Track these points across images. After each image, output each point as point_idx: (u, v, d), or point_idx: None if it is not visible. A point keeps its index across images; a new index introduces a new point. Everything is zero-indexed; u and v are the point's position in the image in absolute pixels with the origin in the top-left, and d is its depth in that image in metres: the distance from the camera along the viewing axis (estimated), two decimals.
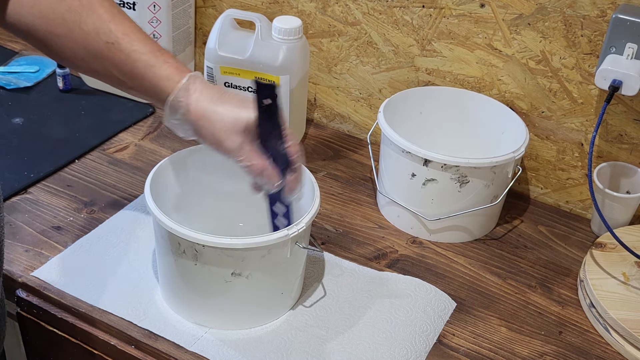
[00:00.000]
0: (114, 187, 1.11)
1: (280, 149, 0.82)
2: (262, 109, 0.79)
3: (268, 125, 0.80)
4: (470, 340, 0.92)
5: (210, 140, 0.81)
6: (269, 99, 0.78)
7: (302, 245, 0.86)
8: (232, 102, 0.80)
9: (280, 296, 0.89)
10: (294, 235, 0.83)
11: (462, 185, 1.02)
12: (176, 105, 0.80)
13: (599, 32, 1.03)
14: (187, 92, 0.80)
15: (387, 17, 1.18)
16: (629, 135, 1.08)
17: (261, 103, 0.79)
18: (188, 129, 0.82)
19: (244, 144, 0.80)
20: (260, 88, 0.78)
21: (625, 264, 0.99)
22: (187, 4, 1.29)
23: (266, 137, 0.81)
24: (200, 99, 0.80)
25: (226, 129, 0.79)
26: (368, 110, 1.28)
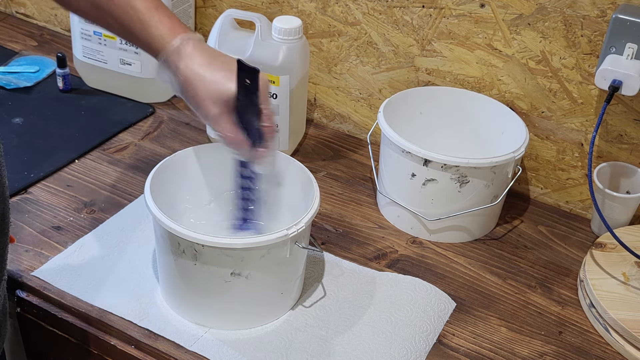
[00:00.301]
0: (114, 187, 1.11)
1: (255, 124, 0.85)
2: (242, 87, 0.82)
3: (246, 102, 0.83)
4: (470, 340, 0.92)
5: (193, 103, 0.85)
6: (249, 80, 0.82)
7: (302, 245, 0.86)
8: (219, 72, 0.83)
9: (280, 296, 0.89)
10: (293, 235, 0.83)
11: (462, 185, 1.02)
12: (166, 65, 0.84)
13: (599, 32, 1.03)
14: (178, 55, 0.83)
15: (387, 17, 1.18)
16: (629, 135, 1.08)
17: (242, 81, 0.82)
18: (175, 87, 0.85)
19: (222, 114, 0.83)
20: (242, 68, 0.82)
21: (625, 264, 0.99)
22: (187, 4, 1.29)
23: (243, 112, 0.84)
24: (189, 63, 0.83)
25: (208, 97, 0.83)
26: (368, 110, 1.28)
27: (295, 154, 1.23)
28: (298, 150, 1.24)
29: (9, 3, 1.58)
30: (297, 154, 1.24)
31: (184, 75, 0.83)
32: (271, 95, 1.13)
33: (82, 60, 1.32)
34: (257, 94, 0.83)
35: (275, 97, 1.13)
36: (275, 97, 1.13)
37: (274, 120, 0.88)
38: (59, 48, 1.46)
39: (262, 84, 0.83)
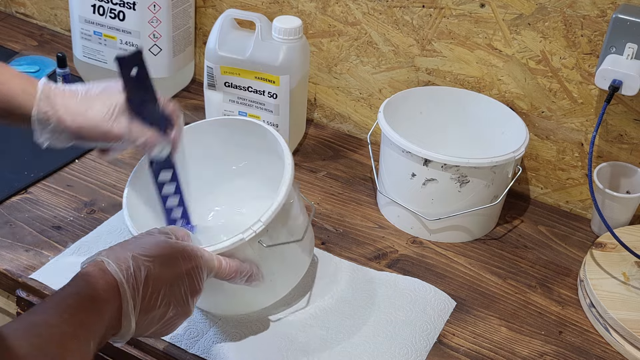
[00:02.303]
0: (114, 187, 1.11)
1: (157, 111, 0.82)
2: (130, 81, 0.78)
3: (140, 94, 0.80)
4: (470, 340, 0.92)
5: (95, 135, 0.79)
6: (135, 67, 0.78)
7: (265, 245, 0.82)
8: (97, 93, 0.79)
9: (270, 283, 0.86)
10: (250, 237, 0.80)
11: (462, 185, 1.02)
12: (44, 117, 0.77)
13: (599, 32, 1.03)
14: (49, 101, 0.77)
15: (387, 17, 1.18)
16: (629, 135, 1.08)
17: (128, 76, 0.78)
18: (64, 137, 0.79)
19: (129, 124, 0.79)
20: (124, 61, 0.78)
21: (625, 264, 0.99)
22: (187, 3, 1.29)
23: (140, 105, 0.80)
24: (66, 102, 0.78)
25: (108, 118, 0.78)
26: (368, 110, 1.28)
27: (295, 154, 1.23)
28: (298, 150, 1.24)
29: (9, 3, 1.58)
30: (297, 154, 1.24)
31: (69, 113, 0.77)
32: (271, 96, 1.13)
33: (82, 60, 1.33)
34: (148, 77, 0.79)
35: (275, 97, 1.13)
36: (275, 97, 1.13)
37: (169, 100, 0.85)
38: (59, 48, 1.46)
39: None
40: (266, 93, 1.13)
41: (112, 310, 0.66)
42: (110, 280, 0.66)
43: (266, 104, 1.14)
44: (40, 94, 0.76)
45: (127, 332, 0.68)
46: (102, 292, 0.66)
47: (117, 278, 0.67)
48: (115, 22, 1.26)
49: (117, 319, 0.66)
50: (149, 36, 1.26)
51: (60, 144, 0.80)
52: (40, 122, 0.77)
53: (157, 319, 0.71)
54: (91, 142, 0.81)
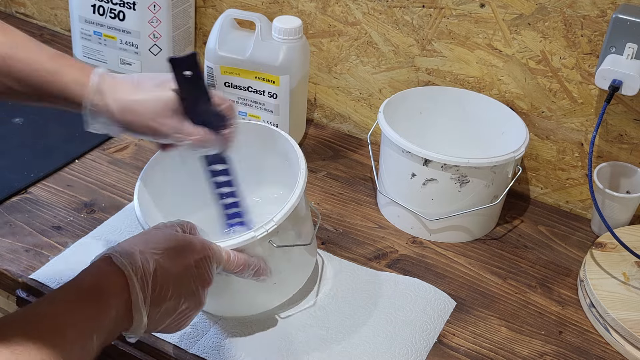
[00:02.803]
0: (114, 187, 1.11)
1: (212, 111, 0.81)
2: (183, 82, 0.79)
3: (193, 95, 0.80)
4: (470, 340, 0.92)
5: (144, 131, 0.79)
6: (188, 70, 0.78)
7: (276, 245, 0.83)
8: (149, 87, 0.79)
9: (274, 286, 0.88)
10: (262, 236, 0.81)
11: (462, 185, 1.02)
12: (95, 109, 0.77)
13: (599, 32, 1.03)
14: (101, 95, 0.77)
15: (387, 17, 1.18)
16: (629, 135, 1.08)
17: (181, 76, 0.78)
18: (115, 128, 0.79)
19: (178, 123, 0.79)
20: (177, 62, 0.78)
21: (625, 264, 0.99)
22: (187, 3, 1.29)
23: (193, 106, 0.80)
24: (117, 95, 0.77)
25: (156, 115, 0.78)
26: (368, 110, 1.28)
27: None
28: None
29: (9, 3, 1.58)
30: None
31: (120, 111, 0.77)
32: (271, 96, 1.13)
33: (82, 60, 1.33)
34: (202, 79, 0.80)
35: (275, 97, 1.13)
36: (275, 97, 1.13)
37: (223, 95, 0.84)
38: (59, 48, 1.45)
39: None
40: (266, 93, 1.13)
41: (121, 304, 0.66)
42: (118, 274, 0.67)
43: (266, 104, 1.14)
44: (93, 85, 0.76)
45: (139, 326, 0.68)
46: (109, 285, 0.66)
47: (125, 271, 0.67)
48: (115, 22, 1.26)
49: (127, 313, 0.66)
50: (149, 36, 1.26)
51: (112, 133, 0.81)
52: (91, 113, 0.78)
53: (169, 312, 0.71)
54: (141, 136, 0.81)
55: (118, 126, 0.79)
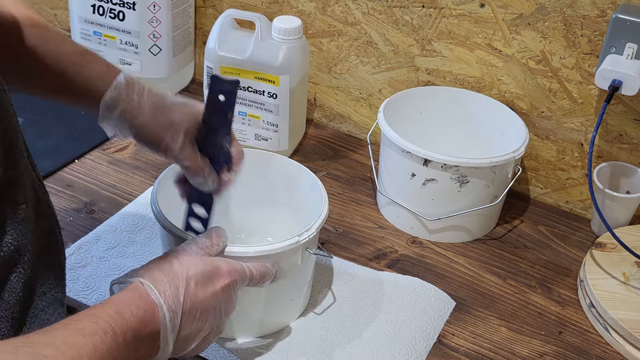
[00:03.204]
0: (113, 187, 1.11)
1: (224, 147, 0.78)
2: (214, 105, 0.75)
3: (217, 122, 0.76)
4: (470, 340, 0.92)
5: (150, 139, 0.77)
6: (224, 95, 0.75)
7: (312, 252, 0.86)
8: (173, 101, 0.77)
9: (290, 303, 0.89)
10: (305, 241, 0.83)
11: (462, 185, 1.02)
12: (113, 103, 0.76)
13: (599, 32, 1.03)
14: (122, 93, 0.76)
15: (387, 17, 1.18)
16: (629, 135, 1.08)
17: (215, 99, 0.75)
18: (126, 129, 0.78)
19: (185, 144, 0.77)
20: (218, 83, 0.75)
21: (625, 264, 0.99)
22: (187, 3, 1.29)
23: (211, 133, 0.77)
24: (139, 98, 0.76)
25: (167, 128, 0.76)
26: (368, 110, 1.28)
27: (295, 154, 1.23)
28: (298, 150, 1.24)
29: None
30: (297, 154, 1.24)
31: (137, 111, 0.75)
32: (271, 96, 1.13)
33: None
34: (232, 111, 0.76)
35: (275, 97, 1.13)
36: (275, 97, 1.13)
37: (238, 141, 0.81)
38: None
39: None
40: (266, 93, 1.13)
41: (149, 334, 0.65)
42: (150, 306, 0.65)
43: (266, 104, 1.14)
44: (118, 83, 0.76)
45: (166, 355, 0.67)
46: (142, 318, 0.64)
47: (157, 302, 0.65)
48: (115, 22, 1.26)
49: (153, 341, 0.65)
50: (149, 36, 1.26)
51: (121, 134, 0.79)
52: (108, 108, 0.76)
53: (194, 339, 0.70)
54: (146, 145, 0.79)
55: (129, 127, 0.77)
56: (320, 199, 0.89)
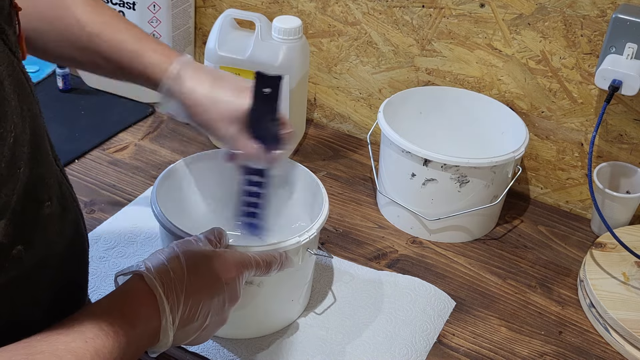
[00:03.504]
0: (113, 187, 1.11)
1: (272, 131, 0.82)
2: (260, 97, 0.79)
3: (263, 111, 0.80)
4: (470, 340, 0.92)
5: (205, 126, 0.81)
6: (269, 88, 0.79)
7: (313, 252, 0.86)
8: (226, 90, 0.80)
9: (291, 303, 0.89)
10: (305, 242, 0.82)
11: (462, 185, 1.02)
12: (169, 93, 0.80)
13: (599, 32, 1.03)
14: (179, 80, 0.79)
15: (387, 17, 1.18)
16: (629, 135, 1.08)
17: (260, 92, 0.79)
18: (184, 115, 0.82)
19: (238, 132, 0.80)
20: (262, 79, 0.79)
21: (625, 264, 0.99)
22: (187, 3, 1.29)
23: (258, 120, 0.80)
24: (194, 87, 0.79)
25: (221, 117, 0.79)
26: (368, 110, 1.28)
27: (295, 154, 1.23)
28: (298, 150, 1.24)
29: None
30: (297, 154, 1.24)
31: (191, 100, 0.79)
32: None
33: None
34: (277, 102, 0.80)
35: None
36: None
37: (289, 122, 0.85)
38: None
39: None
40: None
41: (150, 327, 0.65)
42: (151, 299, 0.65)
43: None
44: (173, 71, 0.79)
45: (165, 345, 0.67)
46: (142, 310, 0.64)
47: (157, 293, 0.65)
48: None
49: (154, 334, 0.65)
50: None
51: (180, 118, 0.83)
52: (164, 97, 0.80)
53: (195, 329, 0.69)
54: (203, 130, 0.83)
55: (186, 114, 0.81)
56: (320, 200, 0.89)
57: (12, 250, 0.55)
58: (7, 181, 0.52)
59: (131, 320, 0.63)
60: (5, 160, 0.51)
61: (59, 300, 0.65)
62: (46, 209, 0.59)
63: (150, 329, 0.65)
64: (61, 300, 0.65)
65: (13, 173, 0.52)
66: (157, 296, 0.65)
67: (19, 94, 0.53)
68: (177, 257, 0.70)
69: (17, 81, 0.53)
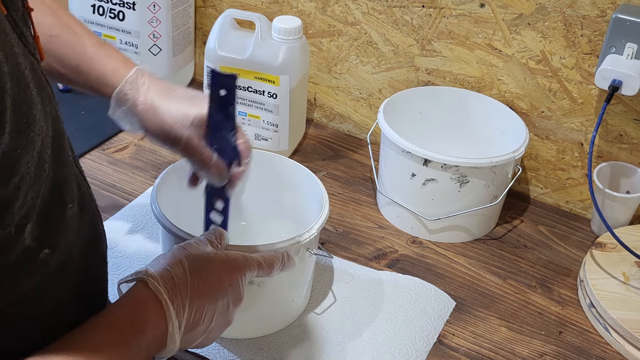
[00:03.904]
0: (113, 187, 1.11)
1: (230, 142, 0.79)
2: (216, 100, 0.76)
3: (220, 117, 0.77)
4: (470, 340, 0.92)
5: (157, 133, 0.78)
6: (224, 89, 0.75)
7: (313, 252, 0.86)
8: (181, 96, 0.78)
9: (291, 303, 0.89)
10: (305, 241, 0.82)
11: (462, 185, 1.02)
12: (123, 97, 0.78)
13: (599, 32, 1.03)
14: (135, 85, 0.77)
15: (387, 17, 1.18)
16: (629, 135, 1.08)
17: (216, 93, 0.75)
18: (134, 121, 0.79)
19: (190, 137, 0.77)
20: (217, 78, 0.75)
21: (625, 264, 0.99)
22: (187, 3, 1.29)
23: (216, 128, 0.78)
24: (149, 92, 0.78)
25: (174, 122, 0.77)
26: (368, 110, 1.28)
27: (295, 154, 1.23)
28: (298, 150, 1.24)
29: None
30: (297, 154, 1.24)
31: (144, 106, 0.77)
32: (271, 95, 1.13)
33: None
34: (233, 105, 0.76)
35: (275, 97, 1.13)
36: (275, 97, 1.13)
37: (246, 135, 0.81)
38: None
39: None
40: (266, 93, 1.13)
41: (158, 333, 0.64)
42: (156, 303, 0.65)
43: (266, 104, 1.14)
44: (130, 76, 0.77)
45: (172, 350, 0.66)
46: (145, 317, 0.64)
47: (162, 300, 0.65)
48: (115, 22, 1.26)
49: (161, 339, 0.65)
50: (149, 36, 1.26)
51: (131, 127, 0.80)
52: (118, 101, 0.78)
53: (200, 333, 0.69)
54: (154, 138, 0.80)
55: (138, 120, 0.79)
56: (321, 199, 0.89)
57: (39, 254, 0.55)
58: (33, 184, 0.51)
59: (141, 328, 0.63)
60: (34, 163, 0.51)
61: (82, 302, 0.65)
62: (69, 211, 0.59)
63: (158, 335, 0.64)
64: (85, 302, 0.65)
65: (39, 176, 0.52)
66: (163, 302, 0.65)
67: (42, 97, 0.53)
68: (180, 261, 0.69)
69: (39, 84, 0.53)
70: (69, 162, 0.61)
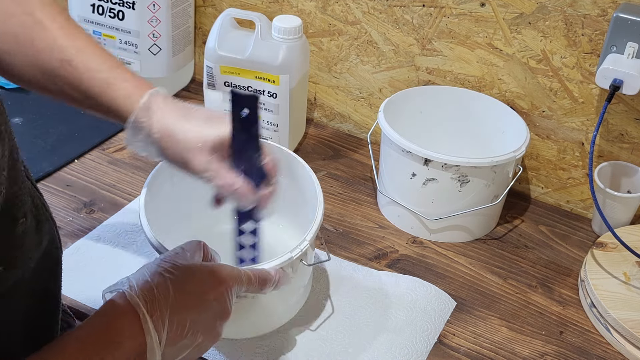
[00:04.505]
0: (113, 187, 1.11)
1: (256, 163, 0.76)
2: (237, 121, 0.74)
3: (243, 138, 0.75)
4: (470, 340, 0.92)
5: (176, 160, 0.74)
6: (246, 109, 0.73)
7: (307, 263, 0.85)
8: (198, 119, 0.74)
9: (290, 303, 0.89)
10: (297, 255, 0.81)
11: (463, 185, 1.02)
12: (138, 126, 0.74)
13: (600, 31, 1.03)
14: (148, 112, 0.73)
15: (387, 16, 1.17)
16: (630, 134, 1.08)
17: (238, 115, 0.74)
18: (152, 150, 0.75)
19: (211, 162, 0.73)
20: (238, 99, 0.73)
21: (626, 264, 0.99)
22: (186, 3, 1.29)
23: (240, 150, 0.75)
24: (163, 117, 0.73)
25: (192, 147, 0.73)
26: (368, 110, 1.28)
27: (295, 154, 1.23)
28: (298, 150, 1.24)
29: None
30: (297, 153, 1.23)
31: (160, 133, 0.73)
32: (271, 95, 1.13)
33: None
34: (257, 125, 0.73)
35: (275, 97, 1.13)
36: (275, 97, 1.13)
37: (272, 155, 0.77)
38: None
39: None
40: (266, 93, 1.13)
41: (136, 344, 0.63)
42: (134, 314, 0.63)
43: (266, 104, 1.14)
44: (142, 102, 0.73)
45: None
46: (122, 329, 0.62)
47: (140, 312, 0.63)
48: (114, 22, 1.26)
49: (141, 352, 0.63)
50: (149, 36, 1.26)
51: (150, 155, 0.76)
52: (133, 130, 0.74)
53: (185, 347, 0.67)
54: (174, 165, 0.76)
55: (156, 148, 0.75)
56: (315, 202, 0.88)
57: None
58: None
59: (115, 341, 0.61)
60: None
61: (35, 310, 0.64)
62: (20, 226, 0.58)
63: (137, 347, 0.63)
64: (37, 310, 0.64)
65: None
66: (140, 314, 0.63)
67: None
68: (162, 273, 0.67)
69: None
70: (20, 176, 0.59)
